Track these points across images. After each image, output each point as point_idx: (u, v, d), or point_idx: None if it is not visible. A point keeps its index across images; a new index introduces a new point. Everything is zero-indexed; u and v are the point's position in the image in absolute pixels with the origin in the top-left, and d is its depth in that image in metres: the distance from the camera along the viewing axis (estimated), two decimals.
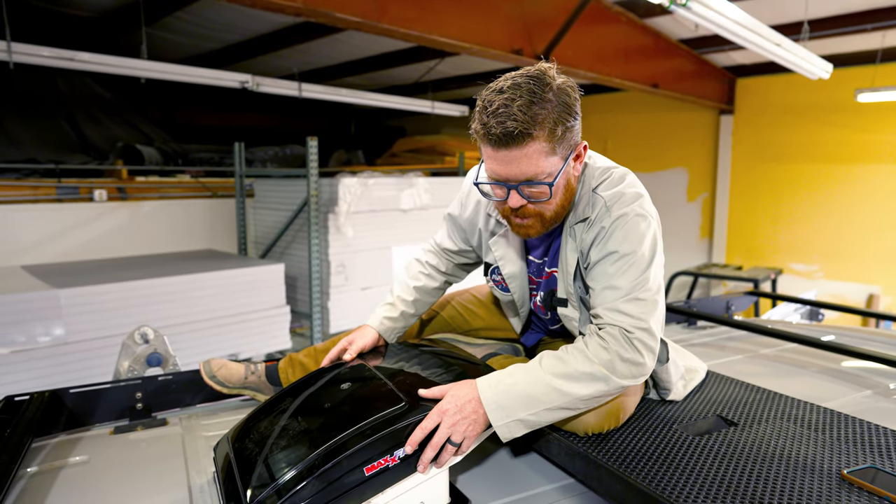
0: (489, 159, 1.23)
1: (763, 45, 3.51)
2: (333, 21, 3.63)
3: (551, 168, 1.21)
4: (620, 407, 1.28)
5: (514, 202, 1.24)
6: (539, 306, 1.53)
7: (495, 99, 1.19)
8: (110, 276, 3.84)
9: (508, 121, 1.15)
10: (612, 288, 1.24)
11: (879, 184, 7.17)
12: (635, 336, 1.19)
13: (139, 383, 1.76)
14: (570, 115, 1.21)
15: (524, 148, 1.17)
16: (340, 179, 4.64)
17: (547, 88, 1.19)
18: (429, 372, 1.36)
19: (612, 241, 1.26)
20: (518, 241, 1.47)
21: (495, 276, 1.55)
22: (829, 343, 2.03)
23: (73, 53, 3.85)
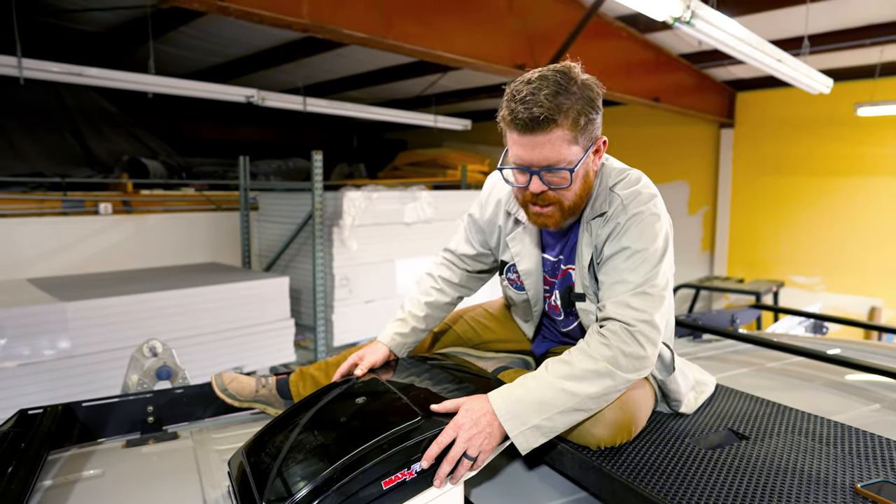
0: (514, 145, 1.30)
1: (765, 61, 3.56)
2: (340, 37, 3.68)
3: (572, 156, 1.27)
4: (633, 420, 1.29)
5: (536, 187, 1.30)
6: (553, 306, 1.56)
7: (523, 88, 1.26)
8: (116, 289, 3.85)
9: (535, 107, 1.22)
10: (623, 282, 1.28)
11: (879, 196, 7.21)
12: (637, 329, 1.23)
13: (150, 397, 1.77)
14: (593, 109, 1.28)
15: (548, 134, 1.24)
16: (345, 193, 4.66)
17: (572, 82, 1.26)
18: (442, 386, 1.37)
19: (627, 237, 1.31)
20: (535, 238, 1.51)
21: (510, 274, 1.59)
22: (836, 357, 2.04)
23: (81, 69, 3.89)
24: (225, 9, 3.04)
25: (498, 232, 1.59)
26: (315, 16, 3.44)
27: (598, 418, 1.26)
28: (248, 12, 3.13)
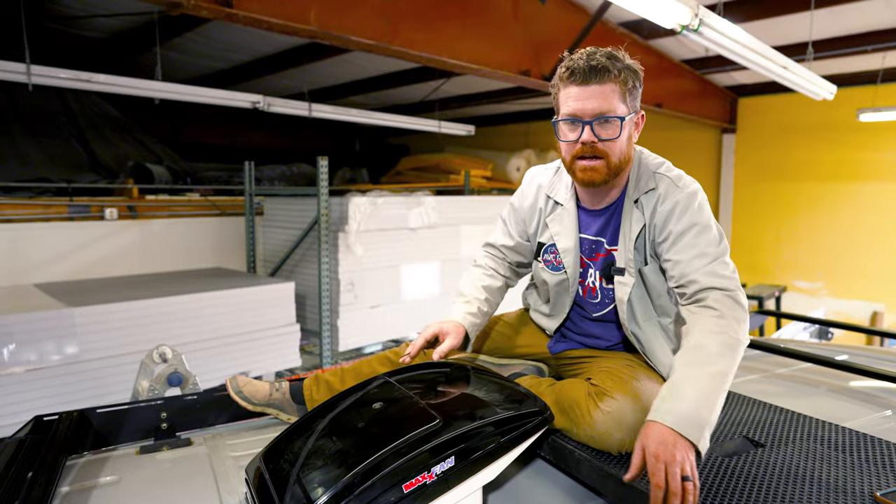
0: (568, 98, 1.41)
1: (770, 68, 3.58)
2: (347, 44, 3.71)
3: (621, 112, 1.40)
4: None
5: (587, 136, 1.39)
6: (591, 288, 1.60)
7: (580, 53, 1.43)
8: (122, 294, 3.86)
9: (593, 60, 1.38)
10: (703, 255, 1.36)
11: (881, 202, 7.22)
12: (735, 294, 1.31)
13: (163, 403, 1.77)
14: (637, 79, 1.44)
15: (603, 85, 1.37)
16: (351, 199, 4.68)
17: (620, 56, 1.42)
18: (457, 388, 1.38)
19: (692, 214, 1.40)
20: (573, 219, 1.58)
21: (547, 255, 1.64)
22: (845, 363, 2.05)
23: (90, 75, 3.91)
24: (233, 16, 3.06)
25: (538, 215, 1.66)
26: (322, 23, 3.46)
27: (620, 422, 1.27)
28: (256, 19, 3.15)
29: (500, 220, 1.80)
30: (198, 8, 2.90)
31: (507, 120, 10.45)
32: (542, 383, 1.53)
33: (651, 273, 1.47)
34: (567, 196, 1.59)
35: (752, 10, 5.22)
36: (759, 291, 7.43)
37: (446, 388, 1.38)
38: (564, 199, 1.59)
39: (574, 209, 1.58)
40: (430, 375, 1.48)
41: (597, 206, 1.56)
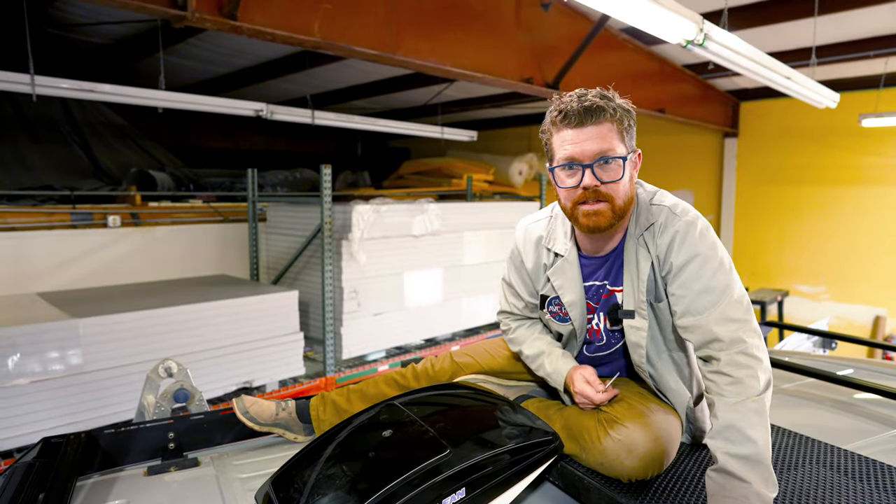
0: (564, 143, 1.37)
1: (774, 79, 3.58)
2: (350, 53, 3.71)
3: (621, 151, 1.35)
4: (665, 453, 1.30)
5: (589, 181, 1.34)
6: (595, 331, 1.56)
7: (571, 95, 1.39)
8: (126, 303, 3.87)
9: (586, 101, 1.34)
10: (708, 290, 1.30)
11: (883, 206, 7.21)
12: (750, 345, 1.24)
13: (171, 423, 1.77)
14: (631, 118, 1.40)
15: (599, 125, 1.33)
16: (354, 206, 4.68)
17: (611, 95, 1.39)
18: (467, 415, 1.38)
19: (693, 243, 1.34)
20: (575, 269, 1.52)
21: (552, 307, 1.59)
22: (851, 379, 2.05)
23: (94, 85, 3.92)
24: (238, 28, 3.07)
25: (542, 271, 1.59)
26: (326, 33, 3.46)
27: (631, 450, 1.27)
28: (260, 31, 3.16)
29: (504, 283, 1.73)
30: (202, 21, 2.91)
31: (509, 123, 10.44)
32: (550, 407, 1.52)
33: (665, 309, 1.41)
34: (567, 245, 1.52)
35: (756, 17, 5.21)
36: (762, 296, 7.43)
37: (455, 414, 1.38)
38: (564, 250, 1.52)
39: (575, 258, 1.52)
40: (437, 398, 1.48)
41: (600, 252, 1.49)
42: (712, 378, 1.25)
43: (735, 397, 1.20)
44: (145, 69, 6.71)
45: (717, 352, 1.25)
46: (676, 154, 8.97)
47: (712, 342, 1.27)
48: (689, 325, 1.31)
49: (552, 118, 1.39)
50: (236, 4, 2.96)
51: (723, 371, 1.23)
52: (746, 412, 1.18)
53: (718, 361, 1.25)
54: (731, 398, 1.20)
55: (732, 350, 1.24)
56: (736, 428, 1.17)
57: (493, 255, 5.81)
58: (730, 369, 1.22)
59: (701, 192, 8.81)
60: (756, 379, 1.21)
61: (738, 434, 1.16)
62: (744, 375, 1.21)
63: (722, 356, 1.25)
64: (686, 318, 1.32)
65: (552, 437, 1.26)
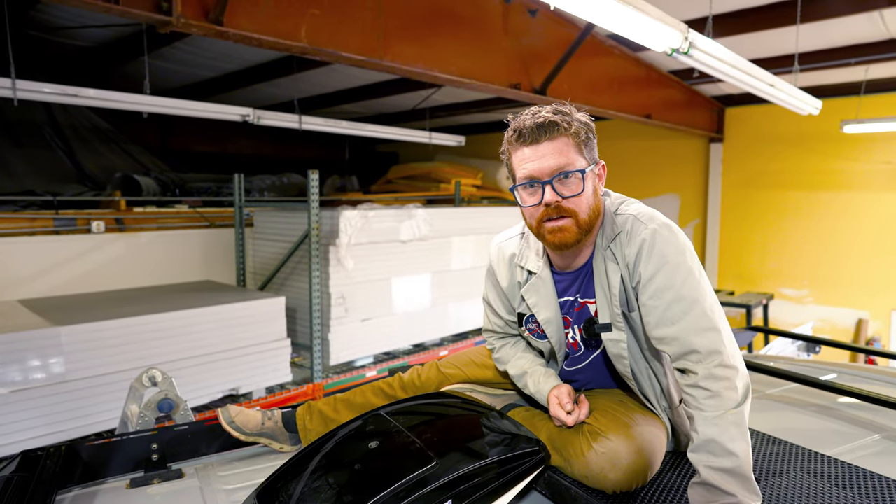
0: (522, 161, 1.36)
1: (758, 86, 3.62)
2: (338, 59, 3.70)
3: (581, 164, 1.35)
4: (649, 464, 1.30)
5: (550, 196, 1.33)
6: (571, 344, 1.55)
7: (525, 115, 1.38)
8: (109, 311, 3.82)
9: (539, 118, 1.34)
10: (680, 299, 1.28)
11: (865, 211, 7.32)
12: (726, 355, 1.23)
13: (155, 434, 1.75)
14: (591, 131, 1.39)
15: (554, 141, 1.33)
16: (341, 212, 4.66)
17: (567, 110, 1.39)
18: (453, 425, 1.38)
19: (661, 252, 1.31)
20: (549, 285, 1.50)
21: (530, 324, 1.58)
22: (834, 384, 2.07)
23: (77, 90, 3.87)
24: (224, 33, 3.05)
25: (518, 288, 1.59)
26: (313, 39, 3.45)
27: (615, 462, 1.26)
28: (246, 37, 3.14)
29: (484, 302, 1.72)
30: (188, 26, 2.88)
31: (496, 128, 10.43)
32: (536, 416, 1.52)
33: (639, 319, 1.39)
34: (539, 262, 1.51)
35: (739, 24, 5.28)
36: (747, 300, 7.49)
37: (441, 424, 1.37)
38: (537, 267, 1.51)
39: (549, 275, 1.50)
40: (423, 408, 1.48)
41: (571, 268, 1.48)
42: (691, 392, 1.24)
43: (714, 411, 1.20)
44: (130, 73, 6.64)
45: (695, 364, 1.24)
46: (663, 159, 9.04)
47: (689, 354, 1.26)
48: (663, 337, 1.30)
49: (508, 138, 1.39)
50: (222, 10, 2.94)
51: (701, 385, 1.22)
52: (726, 426, 1.18)
53: (696, 375, 1.24)
54: (711, 412, 1.20)
55: (709, 362, 1.23)
56: (717, 442, 1.17)
57: (481, 261, 5.81)
58: (708, 383, 1.22)
59: (687, 196, 8.88)
60: (734, 390, 1.21)
61: (719, 448, 1.16)
62: (721, 388, 1.21)
63: (699, 369, 1.23)
64: (660, 329, 1.30)
65: (539, 447, 1.25)
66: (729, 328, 1.30)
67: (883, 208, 7.20)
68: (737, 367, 1.24)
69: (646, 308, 1.33)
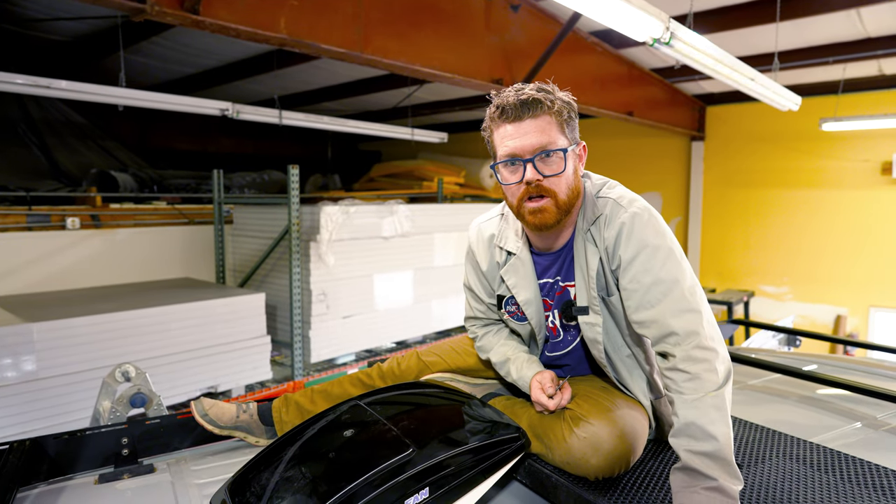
0: (504, 138, 1.35)
1: (739, 80, 3.64)
2: (318, 51, 3.65)
3: (563, 143, 1.33)
4: (631, 450, 1.28)
5: (531, 175, 1.31)
6: (551, 328, 1.53)
7: (508, 92, 1.37)
8: (84, 307, 3.72)
9: (523, 94, 1.32)
10: (659, 282, 1.26)
11: (843, 209, 7.43)
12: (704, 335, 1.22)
13: (125, 428, 1.70)
14: (573, 111, 1.38)
15: (537, 118, 1.31)
16: (322, 208, 4.60)
17: (550, 88, 1.37)
18: (431, 413, 1.34)
19: (641, 234, 1.30)
20: (528, 266, 1.49)
21: (509, 306, 1.56)
22: (816, 374, 2.07)
23: (49, 81, 3.77)
24: (200, 23, 2.98)
25: (497, 269, 1.57)
26: (292, 30, 3.40)
27: (597, 448, 1.24)
28: (224, 27, 3.08)
29: (465, 288, 1.70)
30: (162, 14, 2.82)
31: (480, 126, 10.43)
32: (517, 404, 1.50)
33: (618, 303, 1.38)
34: (519, 243, 1.49)
35: (720, 22, 5.32)
36: (729, 297, 7.56)
37: (419, 413, 1.34)
38: (516, 248, 1.49)
39: (528, 256, 1.48)
40: (401, 398, 1.44)
41: (551, 249, 1.46)
42: (670, 375, 1.23)
43: (693, 394, 1.18)
44: (109, 68, 6.51)
45: (673, 346, 1.23)
46: (644, 157, 9.10)
47: (668, 336, 1.24)
48: (643, 320, 1.29)
49: (490, 114, 1.38)
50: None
51: (679, 367, 1.21)
52: (706, 408, 1.17)
53: (675, 357, 1.23)
54: (690, 395, 1.18)
55: (688, 344, 1.21)
56: (697, 425, 1.16)
57: (463, 257, 5.77)
58: (686, 365, 1.20)
59: (669, 194, 8.94)
60: (714, 372, 1.20)
61: (700, 431, 1.15)
62: (701, 370, 1.19)
63: (677, 351, 1.22)
64: (640, 313, 1.29)
65: (518, 434, 1.23)
66: (710, 311, 1.29)
67: (861, 206, 7.31)
68: (717, 349, 1.23)
69: (626, 292, 1.32)
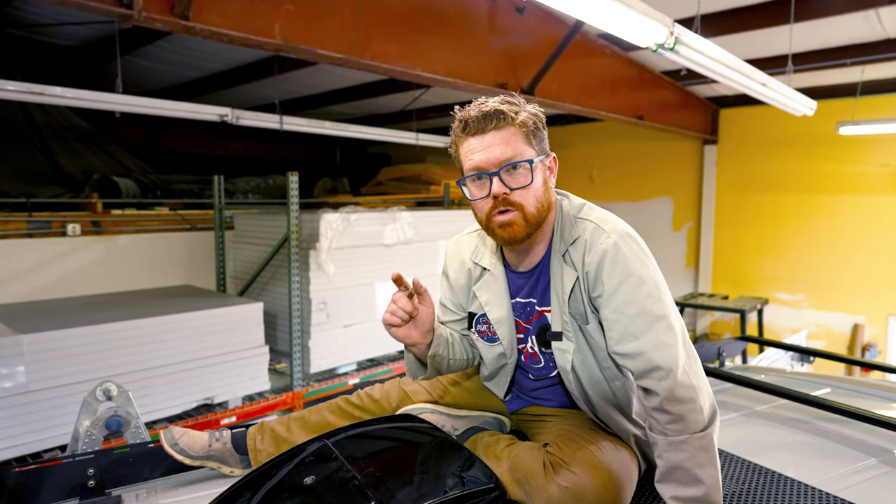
0: (469, 153, 1.30)
1: (749, 85, 3.51)
2: (315, 57, 3.57)
3: (529, 155, 1.29)
4: (617, 500, 1.18)
5: (497, 188, 1.26)
6: (531, 354, 1.45)
7: (473, 104, 1.34)
8: (79, 317, 3.68)
9: (485, 107, 1.29)
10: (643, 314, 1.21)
11: (861, 214, 7.22)
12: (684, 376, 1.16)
13: (92, 458, 1.62)
14: (540, 122, 1.33)
15: (501, 130, 1.27)
16: (322, 215, 4.53)
17: (516, 100, 1.33)
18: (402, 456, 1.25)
19: (625, 263, 1.24)
20: (502, 283, 1.43)
21: (480, 325, 1.49)
22: (829, 403, 1.94)
23: (43, 88, 3.72)
24: (191, 29, 2.91)
25: (469, 284, 1.51)
26: (288, 36, 3.32)
27: (578, 497, 1.15)
28: (215, 32, 3.00)
29: (439, 304, 1.63)
30: (150, 20, 2.75)
31: None
32: (501, 441, 1.39)
33: (595, 332, 1.31)
34: (493, 259, 1.46)
35: (730, 24, 5.16)
36: (742, 304, 7.39)
37: (387, 457, 1.24)
38: (491, 264, 1.45)
39: (502, 273, 1.44)
40: (372, 437, 1.34)
41: (526, 267, 1.41)
42: (654, 415, 1.17)
43: (678, 435, 1.12)
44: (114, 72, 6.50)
45: (657, 382, 1.16)
46: (655, 161, 8.92)
47: (651, 371, 1.17)
48: (626, 352, 1.22)
49: (454, 129, 1.35)
50: (188, 4, 2.81)
51: (664, 408, 1.14)
52: (693, 451, 1.10)
53: (658, 396, 1.16)
54: (675, 436, 1.12)
55: (671, 381, 1.15)
56: (683, 469, 1.09)
57: None
58: (670, 405, 1.14)
59: (680, 199, 8.76)
60: (699, 412, 1.13)
61: (686, 475, 1.09)
62: (686, 411, 1.13)
63: (660, 388, 1.15)
64: (622, 345, 1.22)
65: (493, 485, 1.12)
66: (692, 344, 1.23)
67: (879, 211, 7.09)
68: (701, 386, 1.17)
69: (608, 322, 1.25)
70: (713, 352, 2.86)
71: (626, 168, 9.07)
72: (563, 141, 9.46)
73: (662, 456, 1.12)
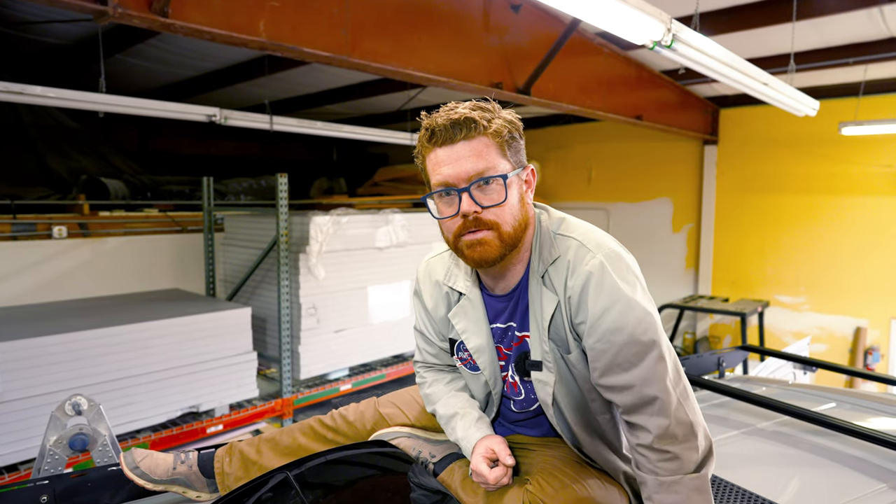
0: (436, 166, 1.16)
1: (750, 84, 3.40)
2: (301, 56, 3.46)
3: (503, 168, 1.15)
4: None
5: (467, 206, 1.13)
6: (512, 384, 1.33)
7: (441, 111, 1.20)
8: (59, 324, 3.57)
9: (455, 114, 1.15)
10: (633, 343, 1.09)
11: (863, 216, 7.10)
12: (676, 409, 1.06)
13: (46, 484, 1.51)
14: (516, 130, 1.20)
15: (471, 141, 1.14)
16: (312, 218, 4.42)
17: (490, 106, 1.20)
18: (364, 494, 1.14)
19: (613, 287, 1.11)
20: (479, 308, 1.30)
21: (462, 353, 1.37)
22: (833, 421, 1.83)
23: (22, 87, 3.61)
24: (170, 25, 2.80)
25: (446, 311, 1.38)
26: (272, 34, 3.21)
27: None
28: (196, 30, 2.89)
29: (415, 331, 1.50)
30: (127, 17, 2.64)
31: None
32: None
33: (578, 362, 1.18)
34: (468, 283, 1.31)
35: (731, 22, 5.05)
36: (742, 307, 7.27)
37: (350, 494, 1.13)
38: (466, 287, 1.31)
39: (479, 297, 1.30)
40: (338, 467, 1.24)
41: (503, 291, 1.27)
42: (643, 453, 1.06)
43: (671, 475, 1.02)
44: (110, 71, 6.39)
45: (649, 418, 1.05)
46: (654, 161, 8.80)
47: (642, 406, 1.07)
48: (613, 385, 1.10)
49: (420, 138, 1.20)
50: (167, 0, 2.70)
51: (655, 446, 1.04)
52: (687, 492, 1.01)
53: (649, 433, 1.05)
54: (667, 476, 1.02)
55: (664, 417, 1.04)
56: None
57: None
58: (663, 443, 1.03)
59: (680, 200, 8.65)
60: (694, 450, 1.03)
61: None
62: (680, 450, 1.03)
63: (652, 425, 1.05)
64: (609, 377, 1.10)
65: None
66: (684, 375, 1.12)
67: (882, 213, 6.98)
68: (697, 421, 1.06)
69: (593, 352, 1.12)
70: (713, 362, 2.76)
71: (625, 169, 8.96)
72: (562, 141, 9.35)
73: (652, 498, 1.02)
